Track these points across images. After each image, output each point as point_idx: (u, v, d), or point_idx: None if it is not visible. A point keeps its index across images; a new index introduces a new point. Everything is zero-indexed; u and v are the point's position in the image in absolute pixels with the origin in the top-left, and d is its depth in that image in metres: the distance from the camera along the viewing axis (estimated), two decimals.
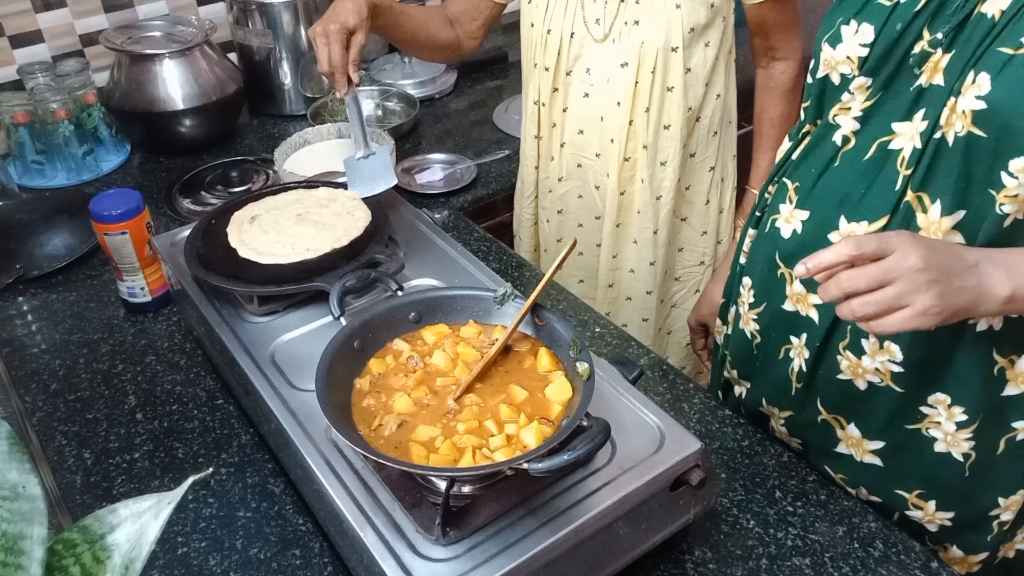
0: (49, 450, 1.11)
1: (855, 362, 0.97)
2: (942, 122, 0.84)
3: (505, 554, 0.78)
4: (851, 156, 0.94)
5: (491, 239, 1.51)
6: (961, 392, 0.93)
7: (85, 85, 1.77)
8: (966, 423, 0.94)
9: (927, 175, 0.86)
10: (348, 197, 1.24)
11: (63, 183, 1.75)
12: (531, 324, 0.96)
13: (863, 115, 0.93)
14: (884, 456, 1.01)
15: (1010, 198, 0.81)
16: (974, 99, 0.80)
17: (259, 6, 1.86)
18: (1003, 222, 0.83)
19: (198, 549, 0.97)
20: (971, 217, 0.85)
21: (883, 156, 0.90)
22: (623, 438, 0.89)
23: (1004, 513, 1.00)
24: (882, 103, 0.91)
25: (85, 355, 1.28)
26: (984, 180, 0.82)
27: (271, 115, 2.01)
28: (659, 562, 0.93)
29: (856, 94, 0.93)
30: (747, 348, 1.12)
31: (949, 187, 0.85)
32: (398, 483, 0.85)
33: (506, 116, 1.95)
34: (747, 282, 1.10)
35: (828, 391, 1.02)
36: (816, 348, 0.99)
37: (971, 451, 0.96)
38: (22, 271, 1.45)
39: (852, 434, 1.02)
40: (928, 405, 0.95)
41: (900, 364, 0.94)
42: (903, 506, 1.03)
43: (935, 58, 0.85)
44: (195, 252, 1.14)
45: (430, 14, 1.52)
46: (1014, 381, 0.92)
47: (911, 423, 0.98)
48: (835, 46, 0.93)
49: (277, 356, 1.03)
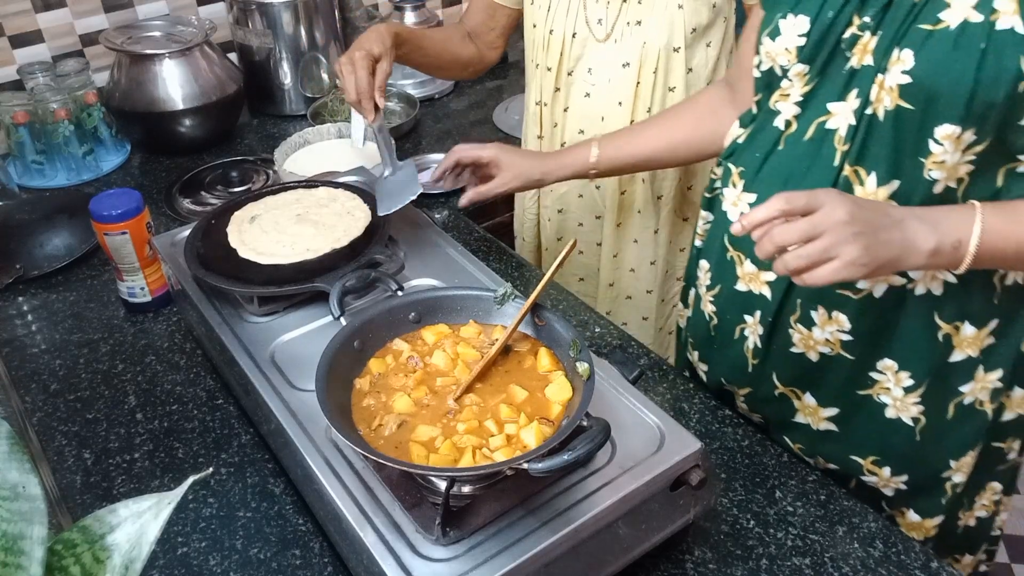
0: (49, 450, 1.11)
1: (806, 334, 1.01)
2: (872, 99, 0.89)
3: (505, 554, 0.78)
4: (793, 138, 0.99)
5: (491, 239, 1.52)
6: (907, 357, 0.98)
7: (85, 85, 1.77)
8: (913, 387, 0.99)
9: (862, 150, 0.91)
10: (348, 197, 1.24)
11: (63, 183, 1.75)
12: (531, 324, 0.96)
13: (803, 99, 0.97)
14: (839, 422, 1.06)
15: (937, 164, 0.87)
16: (900, 74, 0.86)
17: (259, 6, 1.86)
18: (933, 188, 0.89)
19: (198, 549, 0.97)
20: (905, 186, 0.90)
21: (821, 135, 0.95)
22: (623, 438, 0.89)
23: (955, 475, 1.05)
24: (819, 87, 0.96)
25: (85, 355, 1.28)
26: (913, 150, 0.88)
27: (271, 115, 2.01)
28: (659, 562, 0.93)
29: (795, 81, 0.98)
30: (705, 329, 1.17)
31: (882, 159, 0.90)
32: (398, 483, 0.85)
33: (506, 116, 1.95)
34: (704, 264, 1.15)
35: (783, 365, 1.06)
36: (769, 324, 1.04)
37: (920, 415, 1.01)
38: (22, 271, 1.45)
39: (808, 403, 1.07)
40: (877, 371, 1.00)
41: (849, 333, 0.98)
42: (859, 472, 1.08)
43: (864, 40, 0.91)
44: (195, 252, 1.14)
45: (449, 33, 1.53)
46: (959, 347, 0.97)
47: (862, 389, 1.02)
48: (775, 39, 0.98)
49: (277, 356, 1.03)
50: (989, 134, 0.85)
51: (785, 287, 1.00)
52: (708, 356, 1.19)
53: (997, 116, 0.83)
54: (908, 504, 1.09)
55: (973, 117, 0.83)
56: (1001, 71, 0.81)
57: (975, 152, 0.86)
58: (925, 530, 1.10)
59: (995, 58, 0.81)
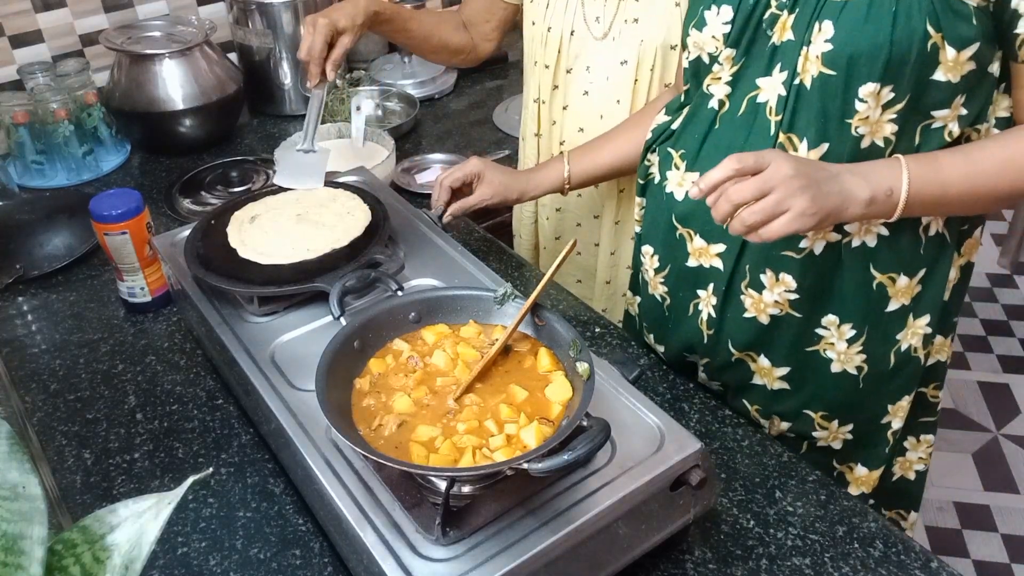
0: (49, 450, 1.11)
1: (757, 298, 1.07)
2: (799, 70, 0.96)
3: (505, 554, 0.78)
4: (728, 116, 1.05)
5: (491, 239, 1.52)
6: (846, 309, 1.05)
7: (85, 85, 1.77)
8: (855, 338, 1.07)
9: (792, 117, 0.98)
10: (348, 197, 1.24)
11: (63, 183, 1.75)
12: (531, 324, 0.96)
13: (732, 79, 1.04)
14: (791, 380, 1.12)
15: (862, 120, 0.94)
16: (822, 43, 0.93)
17: (259, 6, 1.86)
18: (859, 144, 0.96)
19: (198, 549, 0.97)
20: (833, 148, 0.97)
21: (753, 109, 1.02)
22: (623, 438, 0.89)
23: (894, 421, 1.14)
24: (747, 67, 1.02)
25: (85, 355, 1.28)
26: (840, 112, 0.95)
27: (271, 115, 2.01)
28: (659, 562, 0.93)
29: (724, 64, 1.04)
30: (659, 310, 1.22)
31: (811, 124, 0.97)
32: (398, 483, 0.85)
33: (506, 116, 1.95)
34: (647, 250, 1.20)
35: (737, 332, 1.12)
36: (723, 293, 1.10)
37: (863, 364, 1.08)
38: (22, 271, 1.45)
39: (763, 364, 1.13)
40: (823, 327, 1.07)
41: (795, 292, 1.05)
42: (811, 427, 1.15)
43: (783, 19, 0.98)
44: (195, 252, 1.14)
45: (442, 18, 1.54)
46: (895, 297, 1.05)
47: (810, 345, 1.09)
48: (701, 29, 1.05)
49: (277, 356, 1.03)
50: (906, 91, 0.92)
51: (736, 256, 1.06)
52: (663, 336, 1.23)
53: (911, 73, 0.91)
54: (855, 457, 1.17)
55: (890, 74, 0.91)
56: (911, 31, 0.89)
57: (895, 111, 0.94)
58: (872, 482, 1.19)
59: (904, 20, 0.89)
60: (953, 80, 0.92)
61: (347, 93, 1.92)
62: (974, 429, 2.54)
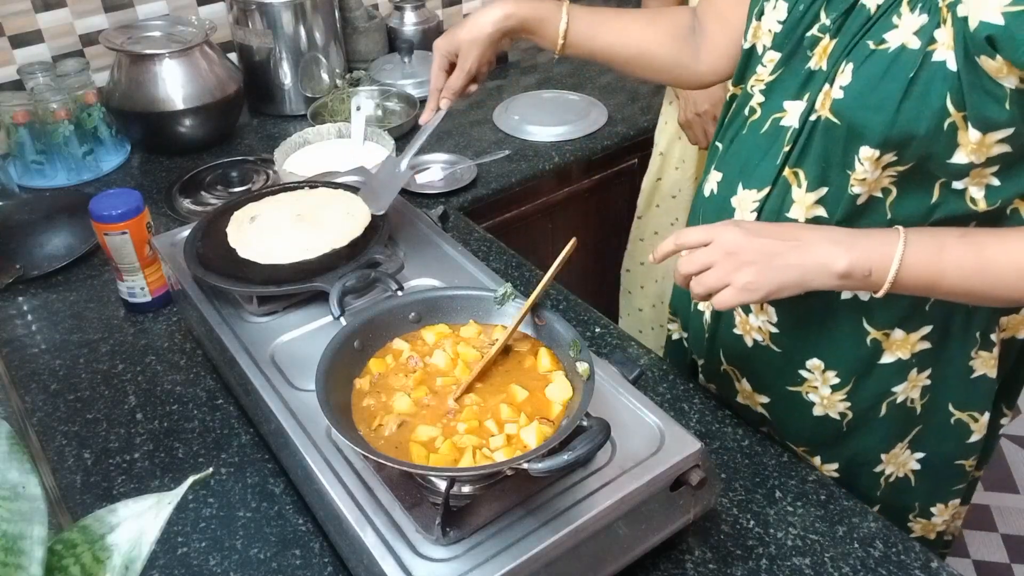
0: (49, 450, 1.11)
1: (744, 318, 1.06)
2: (817, 105, 0.90)
3: (505, 554, 0.78)
4: (755, 127, 1.00)
5: (491, 239, 1.52)
6: (834, 357, 1.01)
7: (85, 85, 1.77)
8: (839, 386, 1.03)
9: (802, 153, 0.93)
10: (348, 197, 1.24)
11: (63, 183, 1.74)
12: (531, 324, 0.96)
13: (767, 88, 0.99)
14: (771, 410, 1.11)
15: (859, 181, 0.88)
16: (838, 88, 0.87)
17: (259, 6, 1.86)
18: (856, 200, 0.90)
19: (198, 549, 0.97)
20: (832, 194, 0.92)
21: (775, 131, 0.97)
22: (623, 438, 0.89)
23: (887, 467, 1.08)
24: (782, 79, 0.97)
25: (85, 355, 1.28)
26: (840, 162, 0.89)
27: (271, 115, 2.01)
28: (659, 562, 0.93)
29: (767, 67, 0.99)
30: (686, 299, 1.21)
31: (815, 165, 0.92)
32: (398, 483, 0.85)
33: (506, 116, 1.95)
34: None
35: (727, 343, 1.11)
36: None
37: (847, 411, 1.04)
38: (22, 271, 1.45)
39: (745, 387, 1.12)
40: (806, 370, 1.04)
41: (776, 326, 1.03)
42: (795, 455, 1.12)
43: (823, 43, 0.90)
44: (195, 252, 1.14)
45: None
46: (890, 350, 0.99)
47: (792, 385, 1.06)
48: (760, 19, 0.99)
49: (277, 356, 1.03)
50: (910, 160, 0.84)
51: None
52: (686, 325, 1.24)
53: (918, 147, 0.82)
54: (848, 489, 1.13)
55: (891, 145, 0.83)
56: (925, 104, 0.80)
57: (896, 171, 0.86)
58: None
59: (921, 90, 0.80)
60: (976, 161, 0.82)
61: (347, 93, 1.92)
62: None
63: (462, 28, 1.12)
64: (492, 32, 1.11)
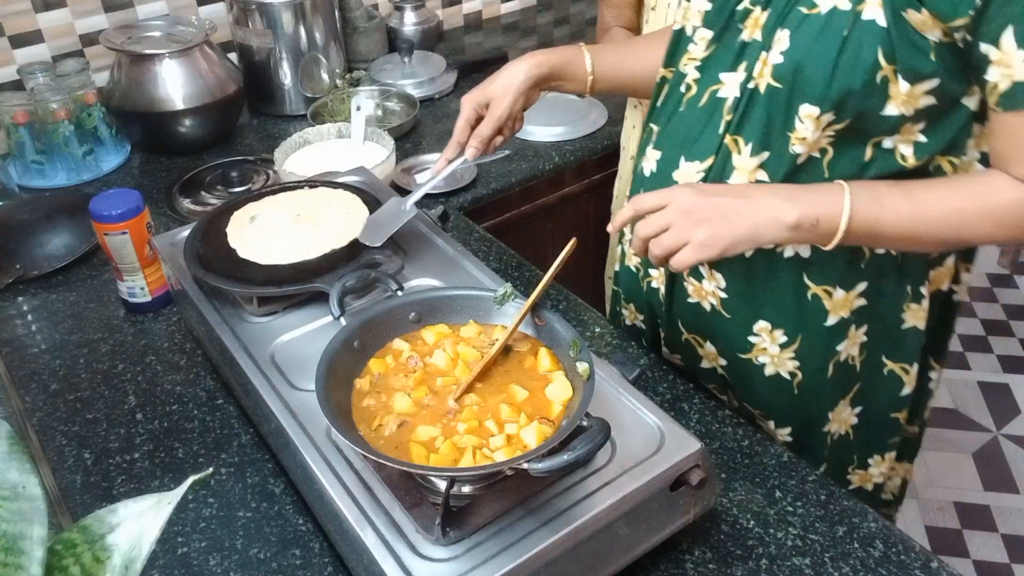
0: (49, 450, 1.11)
1: (698, 286, 1.10)
2: (755, 74, 0.96)
3: (505, 554, 0.78)
4: (692, 102, 1.05)
5: (491, 239, 1.52)
6: (778, 316, 1.06)
7: (85, 85, 1.77)
8: (787, 343, 1.08)
9: (741, 121, 0.98)
10: (348, 197, 1.24)
11: (63, 183, 1.74)
12: (531, 324, 0.96)
13: (701, 65, 1.04)
14: (729, 373, 1.15)
15: (800, 140, 0.94)
16: (777, 54, 0.93)
17: (259, 6, 1.86)
18: (796, 160, 0.96)
19: (198, 549, 0.97)
20: (773, 157, 0.97)
21: (713, 103, 1.02)
22: (623, 438, 0.89)
23: (832, 426, 1.14)
24: (715, 54, 1.02)
25: (85, 355, 1.28)
26: (782, 125, 0.95)
27: (271, 115, 2.01)
28: (659, 562, 0.93)
29: (699, 45, 1.04)
30: (635, 282, 1.24)
31: (756, 131, 0.97)
32: (398, 483, 0.85)
33: None
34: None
35: (684, 313, 1.15)
36: (668, 275, 1.14)
37: (796, 370, 1.09)
38: (22, 271, 1.45)
39: (709, 350, 1.16)
40: (755, 334, 1.09)
41: (725, 291, 1.07)
42: (753, 419, 1.17)
43: (755, 15, 0.96)
44: (195, 252, 1.14)
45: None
46: (833, 311, 1.05)
47: (743, 352, 1.11)
48: (689, 1, 1.05)
49: (277, 356, 1.03)
50: (848, 116, 0.91)
51: None
52: (640, 308, 1.26)
53: (855, 102, 0.89)
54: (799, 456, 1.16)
55: (831, 101, 0.89)
56: (859, 59, 0.87)
57: (834, 129, 0.92)
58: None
59: (855, 46, 0.87)
60: (906, 113, 0.89)
61: (347, 93, 1.92)
62: (974, 429, 2.54)
63: (493, 81, 1.16)
64: (525, 79, 1.14)
